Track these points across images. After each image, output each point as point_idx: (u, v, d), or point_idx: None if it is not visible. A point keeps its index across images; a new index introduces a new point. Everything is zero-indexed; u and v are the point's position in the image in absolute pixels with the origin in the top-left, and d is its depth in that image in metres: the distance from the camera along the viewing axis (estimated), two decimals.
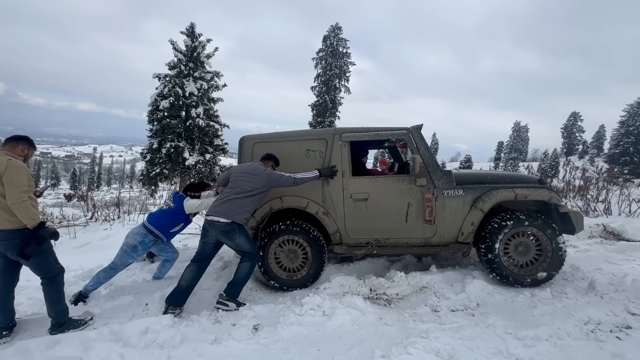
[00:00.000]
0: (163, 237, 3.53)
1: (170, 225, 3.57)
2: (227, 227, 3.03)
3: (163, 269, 3.85)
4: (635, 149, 32.81)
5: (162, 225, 3.53)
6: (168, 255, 3.79)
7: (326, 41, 26.51)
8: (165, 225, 3.54)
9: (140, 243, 3.43)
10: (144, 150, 16.69)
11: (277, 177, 3.18)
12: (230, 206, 3.07)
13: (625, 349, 2.15)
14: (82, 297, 3.33)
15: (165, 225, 3.54)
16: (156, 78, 16.28)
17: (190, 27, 16.75)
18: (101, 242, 5.68)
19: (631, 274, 3.35)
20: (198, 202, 3.58)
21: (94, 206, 7.48)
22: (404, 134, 3.52)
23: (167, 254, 3.78)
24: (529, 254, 3.28)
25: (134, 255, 3.44)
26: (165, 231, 3.55)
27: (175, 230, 3.64)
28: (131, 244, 3.42)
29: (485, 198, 3.34)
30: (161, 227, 3.52)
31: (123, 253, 3.43)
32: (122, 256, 3.42)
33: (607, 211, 6.53)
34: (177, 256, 3.87)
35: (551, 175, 13.13)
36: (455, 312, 2.82)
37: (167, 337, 2.47)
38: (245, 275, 3.14)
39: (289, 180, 3.20)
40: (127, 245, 3.43)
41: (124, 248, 3.43)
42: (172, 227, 3.58)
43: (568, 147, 54.12)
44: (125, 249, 3.42)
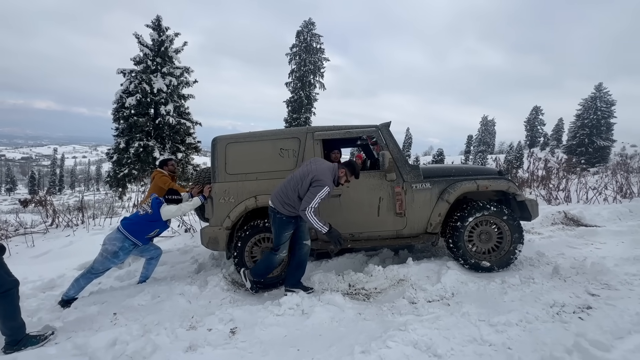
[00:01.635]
0: (138, 242, 3.42)
1: (146, 232, 3.45)
2: (272, 212, 3.11)
3: (149, 266, 3.73)
4: (590, 140, 35.32)
5: (137, 231, 3.39)
6: (151, 253, 3.67)
7: (299, 37, 26.25)
8: (140, 231, 3.41)
9: (121, 249, 3.33)
10: (110, 151, 15.78)
11: (310, 194, 2.88)
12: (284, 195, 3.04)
13: (587, 328, 2.28)
14: (67, 303, 3.25)
15: (140, 231, 3.41)
16: (121, 74, 15.38)
17: (156, 20, 15.95)
18: (63, 249, 5.31)
19: (590, 257, 3.58)
20: (175, 208, 3.47)
21: (54, 211, 6.97)
22: (374, 131, 3.60)
23: (150, 252, 3.66)
24: (491, 241, 3.47)
25: (116, 260, 3.37)
26: (140, 237, 3.42)
27: (150, 236, 3.53)
28: (111, 251, 3.31)
29: (450, 190, 3.49)
30: (136, 233, 3.38)
31: (103, 259, 3.33)
32: (103, 262, 3.34)
33: (567, 199, 6.97)
34: (160, 252, 3.76)
35: (516, 166, 13.83)
36: (432, 302, 2.88)
37: (137, 348, 2.34)
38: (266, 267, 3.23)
39: (304, 204, 2.90)
40: (106, 252, 3.32)
41: (104, 254, 3.32)
42: (147, 232, 3.45)
43: (531, 140, 57.38)
44: (106, 255, 3.32)
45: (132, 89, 15.01)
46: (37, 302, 3.37)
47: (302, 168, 3.09)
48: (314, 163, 3.08)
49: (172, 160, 4.68)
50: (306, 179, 2.93)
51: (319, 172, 2.94)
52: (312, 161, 3.14)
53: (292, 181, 3.02)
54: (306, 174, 2.96)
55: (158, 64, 15.62)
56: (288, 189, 3.01)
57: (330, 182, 2.94)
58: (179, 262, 4.48)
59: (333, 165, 3.08)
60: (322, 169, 2.97)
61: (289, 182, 3.04)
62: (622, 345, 2.06)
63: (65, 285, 3.82)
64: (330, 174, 2.99)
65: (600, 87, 37.01)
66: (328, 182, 2.91)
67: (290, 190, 3.00)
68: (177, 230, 6.05)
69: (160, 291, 3.34)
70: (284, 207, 3.02)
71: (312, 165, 3.05)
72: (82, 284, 3.36)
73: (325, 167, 3.02)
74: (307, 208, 2.87)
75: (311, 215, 2.89)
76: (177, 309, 3.00)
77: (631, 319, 2.33)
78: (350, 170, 3.06)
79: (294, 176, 3.05)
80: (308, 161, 3.18)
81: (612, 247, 4.00)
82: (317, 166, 3.01)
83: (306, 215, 2.89)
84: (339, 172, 3.04)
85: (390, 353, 2.15)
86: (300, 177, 2.99)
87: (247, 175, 3.57)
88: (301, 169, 3.07)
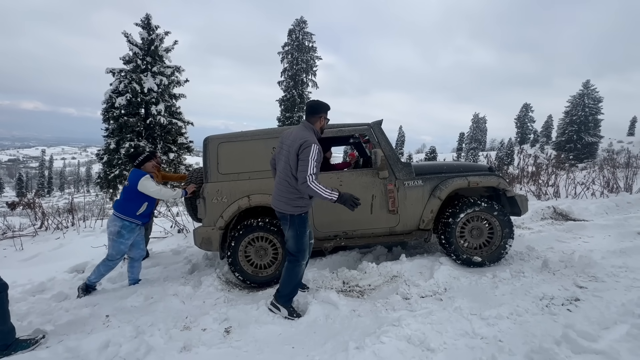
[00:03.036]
0: (134, 220, 3.45)
1: (133, 207, 3.44)
2: (282, 215, 2.67)
3: (134, 269, 3.71)
4: (579, 136, 36.01)
5: (126, 208, 3.43)
6: (137, 252, 3.66)
7: (291, 35, 26.18)
8: (128, 207, 3.43)
9: (122, 227, 3.40)
10: (100, 152, 15.55)
11: (304, 158, 2.44)
12: (278, 192, 2.64)
13: (575, 320, 2.34)
14: (89, 288, 3.47)
15: (128, 207, 3.43)
16: (110, 73, 15.15)
17: (145, 18, 15.73)
18: (53, 252, 5.22)
19: (578, 250, 3.67)
20: (155, 187, 3.42)
21: (43, 214, 6.85)
22: (366, 130, 3.62)
23: (137, 251, 3.65)
24: (482, 236, 3.52)
25: (123, 240, 3.42)
26: (131, 214, 3.43)
27: (141, 212, 3.49)
28: (114, 231, 3.41)
29: (442, 187, 3.53)
30: (125, 210, 3.43)
31: (112, 242, 3.43)
32: (113, 246, 3.43)
33: (556, 194, 7.11)
34: (144, 254, 3.77)
35: (507, 163, 14.04)
36: (425, 298, 2.92)
37: (130, 349, 2.32)
38: (287, 280, 2.72)
39: (301, 177, 2.46)
40: (111, 234, 3.42)
41: (110, 237, 3.43)
42: (135, 208, 3.45)
43: (521, 137, 58.25)
44: (112, 237, 3.42)
45: (121, 89, 14.80)
46: (27, 305, 3.31)
47: (282, 153, 2.66)
48: (286, 137, 2.66)
49: (156, 153, 4.62)
50: (292, 156, 2.51)
51: (297, 137, 2.52)
52: (284, 137, 2.70)
53: (284, 171, 2.61)
54: (289, 153, 2.54)
55: (148, 63, 15.43)
56: (285, 182, 2.60)
57: (314, 139, 2.53)
58: (172, 262, 4.45)
59: (306, 123, 2.67)
60: (297, 133, 2.57)
61: (283, 174, 2.62)
62: (609, 335, 2.12)
63: (56, 288, 3.77)
64: (308, 131, 2.60)
65: (587, 85, 37.74)
66: (313, 140, 2.49)
67: (288, 181, 2.58)
68: (169, 231, 6.00)
69: (153, 292, 3.32)
70: (291, 204, 2.60)
71: (287, 140, 2.63)
72: (102, 271, 3.49)
73: (300, 128, 2.63)
74: (306, 178, 2.42)
75: (314, 185, 2.43)
76: (170, 310, 2.98)
77: (617, 310, 2.40)
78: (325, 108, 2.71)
79: (282, 167, 2.63)
80: (282, 137, 2.72)
81: (599, 240, 4.10)
82: (292, 135, 2.60)
83: (309, 186, 2.42)
84: (320, 122, 2.68)
85: (384, 348, 2.17)
86: (287, 161, 2.56)
87: (239, 174, 3.56)
88: (283, 155, 2.63)
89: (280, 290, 2.77)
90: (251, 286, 3.50)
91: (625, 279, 2.91)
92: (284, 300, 2.76)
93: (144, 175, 3.43)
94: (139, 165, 3.59)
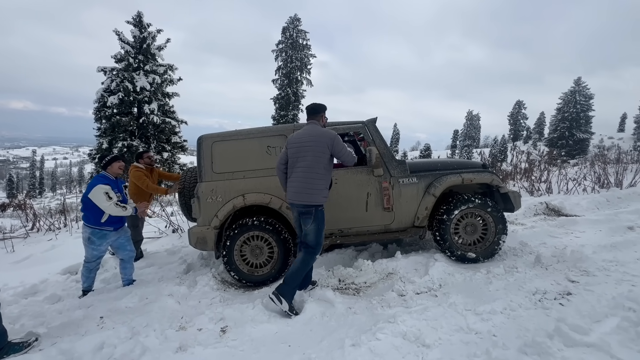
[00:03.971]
0: (103, 228, 3.38)
1: (93, 216, 3.32)
2: (305, 209, 2.79)
3: (126, 270, 3.67)
4: (570, 133, 36.47)
5: (87, 217, 3.38)
6: (125, 254, 3.60)
7: (285, 33, 26.06)
8: (89, 217, 3.35)
9: (91, 234, 3.39)
10: (92, 151, 15.38)
11: (341, 147, 2.83)
12: (307, 185, 2.76)
13: (567, 314, 2.38)
14: (85, 294, 3.52)
15: (89, 217, 3.35)
16: (101, 72, 14.97)
17: (137, 16, 15.56)
18: (45, 254, 5.16)
19: (570, 245, 3.72)
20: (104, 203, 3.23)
21: (34, 215, 6.75)
22: (360, 127, 3.63)
23: (124, 252, 3.60)
24: (476, 232, 3.56)
25: (94, 246, 3.42)
26: (95, 222, 3.34)
27: (106, 220, 3.35)
28: (85, 237, 3.43)
29: (436, 184, 3.56)
30: (88, 219, 3.37)
31: (85, 247, 3.45)
32: (86, 250, 3.46)
33: (548, 190, 7.20)
34: (133, 255, 3.71)
35: (501, 159, 14.18)
36: (420, 294, 2.94)
37: (125, 350, 2.31)
38: (296, 272, 2.81)
39: (349, 157, 2.91)
40: (83, 240, 3.45)
41: (84, 243, 3.46)
42: (97, 217, 3.32)
43: (514, 133, 58.82)
44: (84, 243, 3.45)
45: (113, 88, 14.63)
46: (19, 308, 3.27)
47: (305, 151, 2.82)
48: (304, 137, 2.86)
49: (148, 152, 4.56)
50: (322, 149, 2.79)
51: (321, 134, 2.83)
52: (301, 137, 2.89)
53: (313, 164, 2.77)
54: (316, 148, 2.79)
55: (140, 61, 15.27)
56: (315, 174, 2.77)
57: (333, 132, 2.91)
58: (167, 263, 4.42)
59: (316, 122, 2.97)
60: (318, 131, 2.85)
61: (312, 167, 2.77)
62: (600, 328, 2.15)
63: (48, 290, 3.74)
64: (322, 127, 2.95)
65: (579, 82, 38.19)
66: (334, 132, 2.88)
67: (318, 172, 2.77)
68: (164, 231, 5.96)
69: (148, 293, 3.30)
70: (321, 194, 2.79)
71: (306, 138, 2.84)
72: (85, 273, 3.53)
73: (313, 127, 2.91)
74: (353, 157, 2.97)
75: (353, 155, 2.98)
76: (166, 310, 2.96)
77: (608, 303, 2.44)
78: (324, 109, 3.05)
79: (310, 161, 2.78)
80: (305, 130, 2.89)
81: (590, 235, 4.16)
82: (311, 133, 2.85)
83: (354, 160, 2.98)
84: (322, 120, 3.04)
85: (380, 345, 2.18)
86: (316, 155, 2.78)
87: (234, 173, 3.54)
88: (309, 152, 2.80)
89: (289, 282, 2.78)
90: (247, 285, 3.49)
91: (616, 272, 2.96)
92: (290, 294, 2.77)
93: (96, 185, 3.25)
94: (105, 167, 3.46)
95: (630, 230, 4.09)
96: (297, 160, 2.86)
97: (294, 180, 2.85)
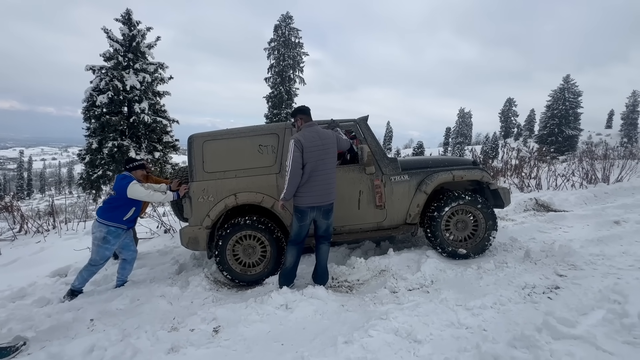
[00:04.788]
0: (121, 225, 3.42)
1: (120, 214, 3.41)
2: (331, 206, 3.10)
3: (124, 271, 3.67)
4: (560, 129, 37.04)
5: (112, 216, 3.39)
6: (129, 254, 3.63)
7: (277, 31, 25.90)
8: (114, 215, 3.39)
9: (108, 233, 3.36)
10: (81, 152, 15.09)
11: (340, 139, 3.16)
12: (332, 186, 3.07)
13: (555, 307, 2.43)
14: (75, 293, 3.42)
15: (114, 215, 3.39)
16: (90, 71, 14.69)
17: (126, 13, 15.28)
18: (34, 256, 5.06)
19: (558, 240, 3.79)
20: (145, 192, 3.39)
21: (22, 217, 6.62)
22: (352, 125, 3.63)
23: (129, 252, 3.62)
24: (467, 229, 3.60)
25: (108, 246, 3.39)
26: (118, 220, 3.40)
27: (129, 217, 3.47)
28: (99, 237, 3.35)
29: (428, 181, 3.59)
30: (111, 217, 3.38)
31: (97, 248, 3.37)
32: (98, 251, 3.39)
33: (538, 186, 7.31)
34: (136, 255, 3.74)
35: (492, 156, 14.36)
36: (412, 291, 2.97)
37: (116, 353, 2.29)
38: (326, 258, 3.20)
39: (347, 143, 3.26)
40: (97, 239, 3.37)
41: (96, 242, 3.37)
42: (122, 214, 3.42)
43: (505, 130, 59.54)
44: (97, 242, 3.36)
45: (102, 87, 14.37)
46: (7, 312, 3.21)
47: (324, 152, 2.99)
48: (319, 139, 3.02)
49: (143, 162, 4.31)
50: (334, 147, 3.07)
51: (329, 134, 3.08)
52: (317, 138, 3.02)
53: (333, 164, 3.07)
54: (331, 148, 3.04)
55: (130, 59, 15.02)
56: (334, 172, 3.10)
57: None
58: (158, 263, 4.38)
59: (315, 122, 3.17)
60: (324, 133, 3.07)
61: (333, 167, 3.07)
62: (586, 321, 2.20)
63: (37, 294, 3.67)
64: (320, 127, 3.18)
65: (568, 79, 38.78)
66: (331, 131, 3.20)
67: (334, 170, 3.10)
68: (156, 232, 5.90)
69: (139, 294, 3.27)
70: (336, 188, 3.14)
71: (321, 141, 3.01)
72: (85, 276, 3.46)
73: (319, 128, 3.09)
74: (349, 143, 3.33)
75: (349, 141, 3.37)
76: (157, 311, 2.94)
77: (594, 296, 2.50)
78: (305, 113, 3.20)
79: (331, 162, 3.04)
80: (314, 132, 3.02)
81: (578, 230, 4.25)
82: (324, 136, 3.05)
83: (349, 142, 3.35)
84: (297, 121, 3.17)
85: (372, 342, 2.20)
86: (333, 154, 3.06)
87: (225, 172, 3.52)
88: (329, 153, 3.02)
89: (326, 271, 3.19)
90: (240, 285, 3.48)
91: (602, 266, 3.03)
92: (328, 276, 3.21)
93: (131, 181, 3.38)
94: (130, 170, 3.54)
95: (616, 225, 4.18)
96: (318, 164, 2.98)
97: (321, 182, 2.99)
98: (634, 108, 52.87)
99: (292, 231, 3.14)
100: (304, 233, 3.10)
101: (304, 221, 3.04)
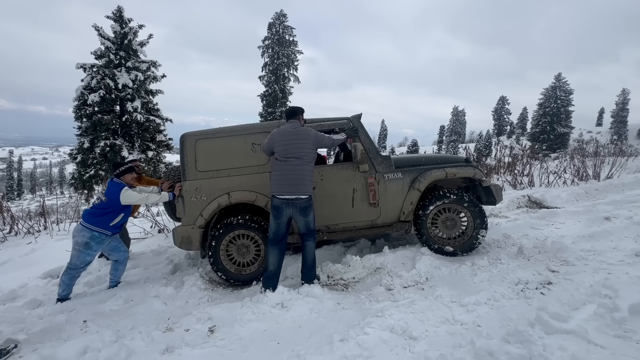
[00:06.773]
0: (105, 231, 3.33)
1: (107, 220, 3.33)
2: (306, 203, 3.01)
3: (117, 272, 3.61)
4: (551, 127, 37.52)
5: (99, 221, 3.30)
6: (119, 255, 3.56)
7: (271, 29, 25.76)
8: (101, 221, 3.30)
9: (91, 238, 3.26)
10: (73, 151, 14.87)
11: (322, 137, 3.15)
12: (302, 178, 2.97)
13: (547, 302, 2.46)
14: (64, 300, 3.30)
15: (101, 221, 3.30)
16: (81, 69, 14.46)
17: (117, 10, 15.06)
18: (25, 258, 4.98)
19: (550, 236, 3.84)
20: (138, 197, 3.33)
21: (12, 218, 6.51)
22: (346, 124, 3.63)
23: (119, 253, 3.55)
24: (456, 227, 3.61)
25: (90, 252, 3.30)
26: (105, 226, 3.31)
27: (115, 223, 3.39)
28: (81, 242, 3.25)
29: (421, 179, 3.60)
30: (98, 223, 3.29)
31: (78, 253, 3.27)
32: (78, 256, 3.27)
33: (530, 183, 7.40)
34: (127, 255, 3.67)
35: (485, 154, 14.49)
36: (407, 288, 2.98)
37: (110, 354, 2.26)
38: (314, 256, 3.15)
39: (330, 141, 3.22)
40: (78, 245, 3.26)
41: (77, 247, 3.27)
42: (110, 220, 3.34)
43: (498, 128, 60.13)
44: (79, 247, 3.26)
45: (94, 85, 14.16)
46: None
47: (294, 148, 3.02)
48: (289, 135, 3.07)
49: (137, 163, 4.25)
50: (310, 145, 3.06)
51: (305, 132, 3.09)
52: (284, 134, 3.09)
53: (306, 160, 3.01)
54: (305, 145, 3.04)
55: (122, 57, 14.82)
56: (308, 166, 3.03)
57: None
58: (153, 264, 4.34)
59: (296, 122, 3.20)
60: (300, 131, 3.09)
61: (304, 162, 3.00)
62: (578, 315, 2.23)
63: (28, 295, 3.62)
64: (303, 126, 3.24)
65: (559, 77, 39.26)
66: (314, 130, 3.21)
67: (309, 165, 3.05)
68: (149, 232, 5.84)
69: (133, 295, 3.24)
70: (310, 185, 3.05)
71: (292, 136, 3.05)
72: (67, 281, 3.35)
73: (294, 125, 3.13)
74: (332, 141, 3.26)
75: (336, 139, 3.30)
76: (152, 312, 2.91)
77: (586, 291, 2.53)
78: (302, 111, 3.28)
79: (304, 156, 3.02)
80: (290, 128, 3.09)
81: (570, 226, 4.31)
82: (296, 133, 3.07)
83: (335, 142, 3.30)
84: (301, 120, 3.26)
85: (368, 339, 2.20)
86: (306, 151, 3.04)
87: (218, 171, 3.49)
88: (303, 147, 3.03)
89: (312, 269, 3.14)
90: (235, 285, 3.47)
91: (594, 261, 3.08)
92: (315, 273, 3.19)
93: (122, 188, 3.30)
94: (119, 176, 3.43)
95: (606, 221, 4.25)
96: (286, 157, 3.01)
97: (288, 173, 2.98)
98: (623, 106, 53.77)
99: (270, 230, 3.10)
100: (281, 231, 3.07)
101: (280, 218, 3.03)
